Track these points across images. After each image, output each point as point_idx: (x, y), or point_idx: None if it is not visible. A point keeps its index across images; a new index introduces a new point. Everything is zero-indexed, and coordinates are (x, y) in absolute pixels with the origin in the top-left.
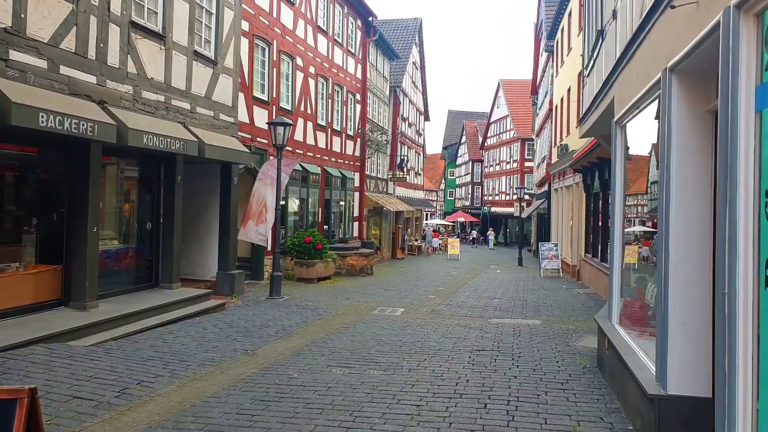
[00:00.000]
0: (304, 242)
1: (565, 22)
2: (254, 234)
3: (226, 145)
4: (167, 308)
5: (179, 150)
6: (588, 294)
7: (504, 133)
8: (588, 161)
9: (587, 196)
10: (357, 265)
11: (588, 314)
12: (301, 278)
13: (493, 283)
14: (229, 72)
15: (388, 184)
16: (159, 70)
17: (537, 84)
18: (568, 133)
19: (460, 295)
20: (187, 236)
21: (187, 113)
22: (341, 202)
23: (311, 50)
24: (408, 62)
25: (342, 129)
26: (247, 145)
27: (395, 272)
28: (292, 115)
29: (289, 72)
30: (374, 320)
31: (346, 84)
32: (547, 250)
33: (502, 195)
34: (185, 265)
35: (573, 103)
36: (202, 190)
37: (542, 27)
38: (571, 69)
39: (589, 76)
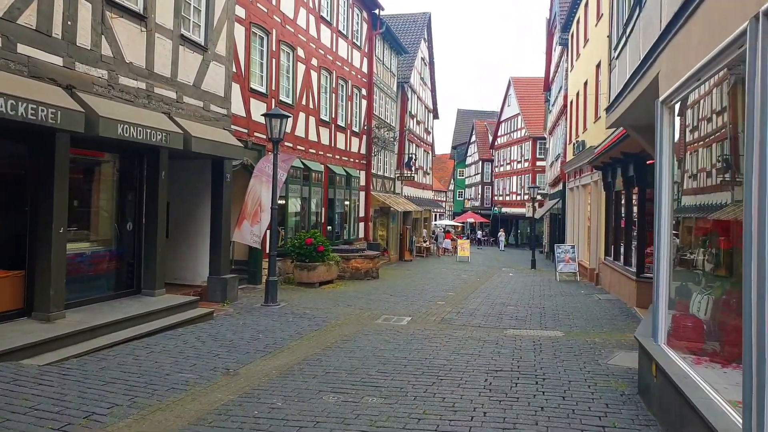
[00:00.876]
0: (304, 244)
1: (581, 12)
2: (249, 235)
3: (216, 138)
4: (146, 318)
5: (161, 142)
6: (610, 300)
7: (515, 131)
8: (610, 157)
9: (607, 195)
10: (362, 268)
11: (613, 324)
12: (301, 282)
13: (507, 287)
14: (221, 60)
15: (395, 183)
16: (139, 54)
17: (550, 80)
18: (584, 129)
19: (471, 301)
20: (176, 238)
21: (172, 103)
22: (346, 202)
23: (314, 41)
24: (416, 57)
25: (347, 125)
26: (244, 141)
27: (402, 275)
28: (293, 110)
29: (290, 64)
30: (377, 331)
31: (351, 78)
32: (563, 252)
33: (513, 195)
34: (174, 269)
35: (591, 97)
36: (192, 187)
37: (556, 20)
38: (588, 61)
39: (619, 57)
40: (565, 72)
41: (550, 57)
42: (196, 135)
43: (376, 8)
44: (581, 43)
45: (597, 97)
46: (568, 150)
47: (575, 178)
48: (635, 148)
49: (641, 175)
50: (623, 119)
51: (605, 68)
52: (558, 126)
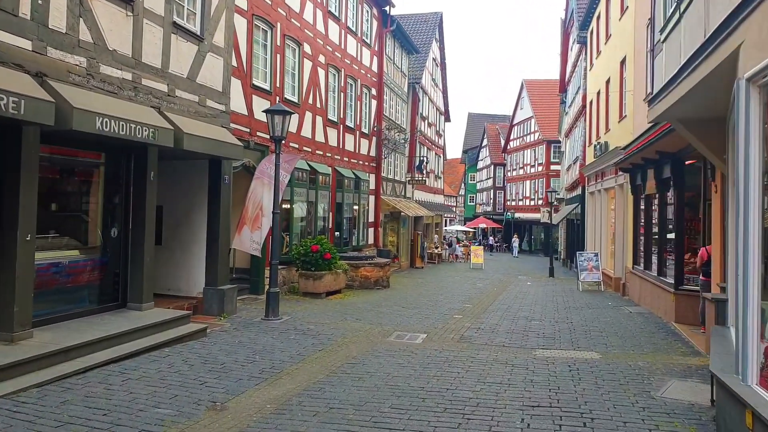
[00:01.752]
0: (310, 251)
1: (602, 7)
2: (249, 242)
3: (213, 136)
4: (129, 337)
5: (148, 139)
6: (642, 314)
7: (528, 135)
8: (642, 157)
9: (635, 199)
10: (371, 276)
11: (654, 343)
12: (306, 292)
13: (527, 298)
14: (219, 51)
15: (406, 187)
16: (125, 42)
17: (566, 81)
18: (607, 129)
19: (491, 314)
20: (170, 245)
21: (163, 96)
22: (355, 206)
23: (321, 37)
24: (428, 58)
25: (356, 126)
26: (246, 140)
27: (414, 284)
28: (299, 109)
29: (296, 60)
30: (389, 351)
31: (361, 77)
32: (585, 260)
33: (526, 200)
34: (168, 278)
35: (614, 95)
36: (188, 190)
37: (573, 18)
38: (610, 58)
39: (667, 39)
40: (583, 71)
41: (566, 57)
42: (189, 132)
43: (386, 5)
44: (602, 39)
45: (621, 95)
46: (588, 152)
47: (596, 181)
48: (673, 147)
49: (679, 176)
50: (673, 111)
51: (632, 64)
52: (575, 128)
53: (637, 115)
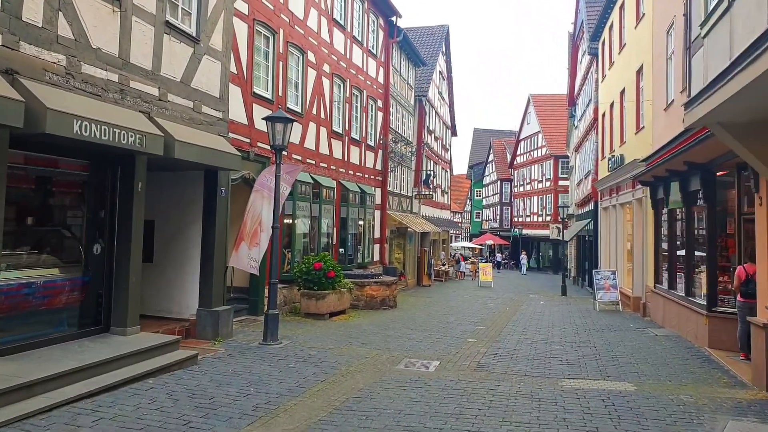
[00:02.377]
0: (313, 269)
1: (614, 16)
2: (246, 260)
3: (207, 144)
4: (108, 366)
5: (135, 146)
6: (669, 337)
7: (535, 150)
8: (666, 169)
9: (656, 214)
10: (377, 295)
11: (691, 372)
12: (308, 313)
13: (543, 319)
14: (216, 55)
15: (412, 202)
16: (111, 40)
17: (575, 94)
18: (622, 142)
19: (507, 338)
20: (162, 262)
21: (153, 101)
22: (360, 222)
23: (326, 46)
24: (434, 71)
25: (361, 138)
26: (245, 151)
27: (422, 304)
28: (303, 119)
29: (299, 68)
30: (399, 383)
31: (367, 88)
32: (602, 278)
33: (534, 216)
34: (158, 299)
35: (630, 105)
36: (182, 203)
37: (582, 28)
38: (625, 68)
39: (710, 34)
40: (594, 83)
41: (575, 71)
42: (182, 139)
43: (393, 15)
44: (615, 49)
45: (638, 105)
46: (601, 166)
47: (610, 196)
48: (704, 157)
49: (710, 189)
50: (718, 114)
51: (649, 72)
52: (586, 142)
53: (656, 125)
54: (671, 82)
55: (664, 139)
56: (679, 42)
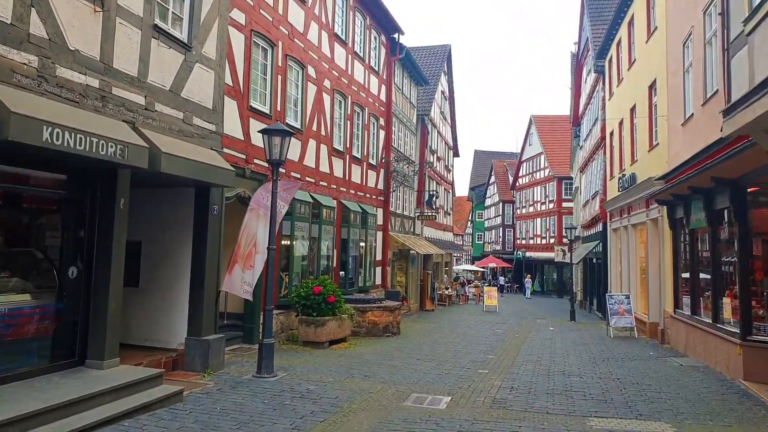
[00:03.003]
0: (312, 293)
1: (622, 32)
2: (239, 284)
3: (198, 158)
4: (78, 407)
5: (115, 157)
6: (696, 368)
7: (538, 171)
8: (689, 186)
9: (675, 235)
10: (380, 322)
11: (730, 408)
12: (307, 341)
13: (555, 347)
14: (210, 64)
15: (415, 223)
16: (91, 42)
17: (579, 114)
18: (633, 160)
19: (521, 369)
20: (148, 287)
21: (139, 110)
22: (361, 243)
23: (326, 60)
24: (436, 91)
25: (363, 157)
26: (241, 168)
27: (427, 330)
28: (302, 135)
29: (299, 83)
30: (408, 422)
31: (368, 105)
32: (616, 303)
33: (537, 238)
34: (145, 327)
35: (642, 122)
36: (171, 223)
37: (587, 47)
38: (635, 84)
39: (756, 30)
40: (601, 101)
41: (579, 90)
42: (169, 152)
43: (395, 32)
44: (624, 65)
45: (651, 122)
46: (610, 186)
47: (621, 216)
48: (735, 172)
49: (741, 206)
50: (765, 121)
51: (663, 87)
52: (592, 161)
53: (673, 141)
54: (689, 96)
55: (682, 156)
56: (698, 53)
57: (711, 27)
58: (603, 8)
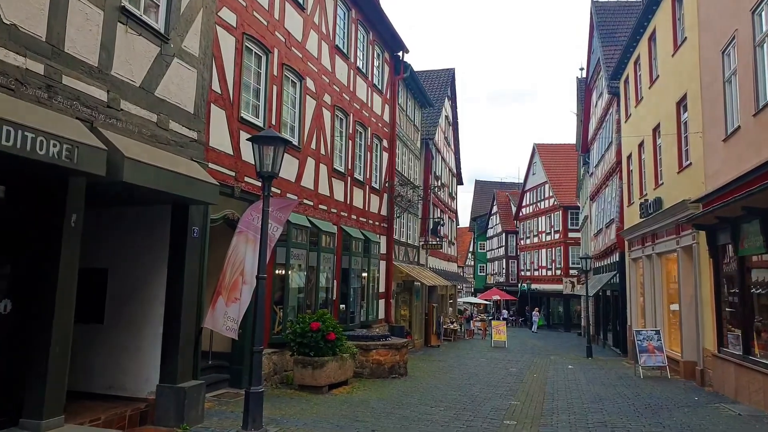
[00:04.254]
0: (309, 330)
1: (642, 48)
2: (221, 319)
3: (174, 168)
4: None
5: (61, 160)
6: (757, 417)
7: (542, 201)
8: (744, 206)
9: (717, 263)
10: (385, 361)
11: None
12: (304, 385)
13: (582, 388)
14: (192, 61)
15: (419, 252)
16: (34, 18)
17: (588, 140)
18: (657, 183)
19: (553, 418)
20: (115, 323)
21: (99, 106)
22: (364, 274)
23: (327, 74)
24: (440, 115)
25: (365, 180)
26: (229, 186)
27: (436, 370)
28: (300, 153)
29: (297, 95)
30: None
31: (371, 125)
32: (645, 339)
33: (542, 270)
34: (109, 372)
35: (668, 142)
36: (144, 247)
37: (598, 69)
38: (659, 103)
39: None
40: (615, 124)
41: (588, 115)
42: (134, 157)
43: (399, 50)
44: (644, 83)
45: (680, 141)
46: (628, 213)
47: (643, 245)
48: None
49: None
50: None
51: (697, 101)
52: (605, 188)
53: (711, 159)
54: (734, 107)
55: (725, 174)
56: (746, 58)
57: (762, 28)
58: (616, 28)
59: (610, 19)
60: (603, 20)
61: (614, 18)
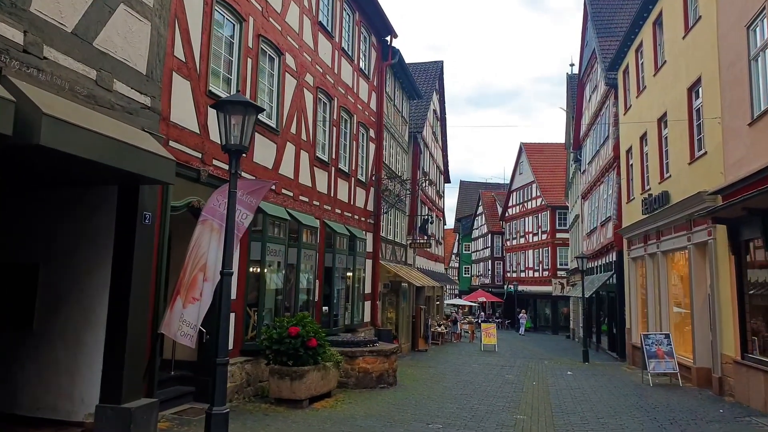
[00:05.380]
0: (287, 336)
1: (645, 34)
2: (176, 323)
3: (117, 135)
4: None
5: None
6: None
7: (529, 201)
8: None
9: (740, 260)
10: (373, 370)
11: None
12: (281, 399)
13: (590, 398)
14: (144, 11)
15: (406, 251)
16: None
17: (580, 137)
18: (662, 177)
19: None
20: (47, 329)
21: (11, 49)
22: (348, 273)
23: (309, 52)
24: (429, 109)
25: (351, 171)
26: (195, 170)
27: (427, 378)
28: (279, 137)
29: (275, 72)
30: None
31: (357, 113)
32: (653, 343)
33: (529, 271)
34: (39, 390)
35: (678, 131)
36: (83, 238)
37: (592, 63)
38: (665, 90)
39: None
40: (613, 118)
41: (581, 111)
42: (56, 115)
43: (387, 34)
44: (648, 71)
45: (692, 128)
46: (628, 210)
47: (645, 243)
48: None
49: None
50: None
51: (714, 84)
52: (600, 185)
53: (733, 146)
54: (761, 88)
55: (751, 161)
56: None
57: None
58: (611, 19)
59: (606, 9)
60: (598, 11)
61: (610, 8)
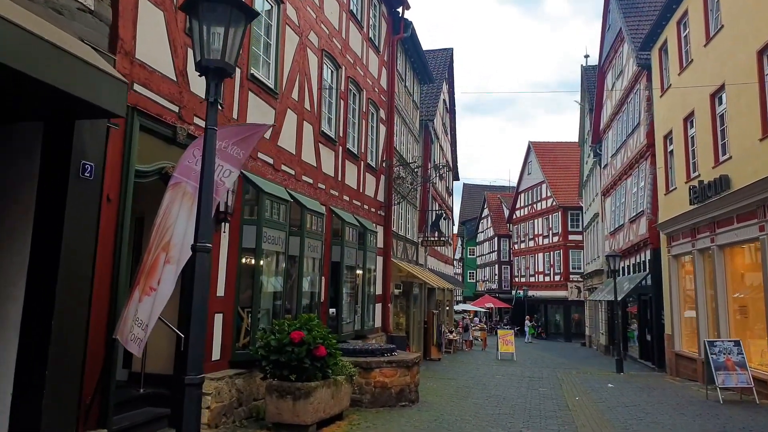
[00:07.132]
0: (289, 343)
1: (689, 3)
2: (129, 324)
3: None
4: None
5: None
6: None
7: (539, 202)
8: None
9: None
10: (392, 384)
11: None
12: (281, 423)
13: (658, 422)
14: None
15: (418, 250)
16: None
17: (601, 129)
18: (716, 161)
19: None
20: None
21: None
22: (358, 271)
23: (313, 7)
24: (439, 99)
25: (360, 154)
26: (170, 127)
27: (451, 392)
28: (276, 102)
29: (273, 23)
30: None
31: (367, 87)
32: (721, 353)
33: (540, 275)
34: None
35: (739, 105)
36: None
37: (616, 45)
38: (721, 59)
39: None
40: (646, 102)
41: (601, 101)
42: None
43: (399, 5)
44: (697, 41)
45: (764, 99)
46: (666, 201)
47: (693, 238)
48: None
49: None
50: None
51: None
52: (627, 178)
53: None
54: None
55: None
56: None
57: None
58: None
59: None
60: None
61: None
